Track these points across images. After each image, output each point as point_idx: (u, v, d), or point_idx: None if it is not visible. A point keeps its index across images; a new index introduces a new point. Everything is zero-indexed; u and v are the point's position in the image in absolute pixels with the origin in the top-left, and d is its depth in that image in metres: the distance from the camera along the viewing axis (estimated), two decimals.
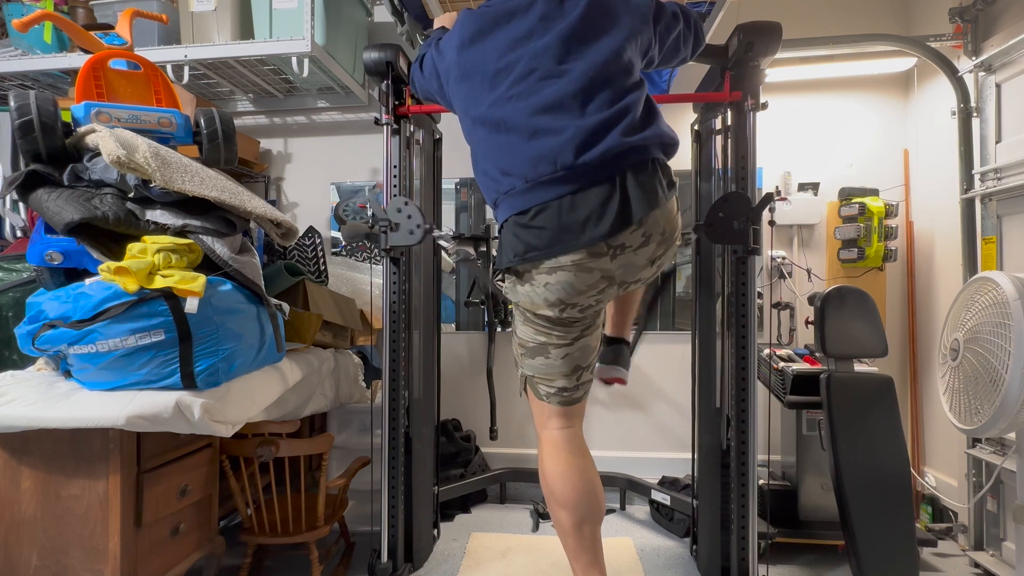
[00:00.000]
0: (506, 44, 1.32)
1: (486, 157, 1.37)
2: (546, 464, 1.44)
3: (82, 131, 1.56)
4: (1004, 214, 2.21)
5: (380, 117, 2.01)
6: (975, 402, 1.77)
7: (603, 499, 1.44)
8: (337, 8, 2.58)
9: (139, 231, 1.54)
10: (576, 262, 1.28)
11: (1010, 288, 1.67)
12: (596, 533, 1.42)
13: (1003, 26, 2.21)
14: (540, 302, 1.35)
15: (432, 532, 2.31)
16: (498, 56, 1.32)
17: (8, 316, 1.71)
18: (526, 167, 1.27)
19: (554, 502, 1.42)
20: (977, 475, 2.20)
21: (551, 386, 1.44)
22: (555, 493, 1.41)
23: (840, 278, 2.70)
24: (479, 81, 1.34)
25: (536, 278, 1.33)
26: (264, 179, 3.09)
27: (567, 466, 1.41)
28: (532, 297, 1.36)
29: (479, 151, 1.40)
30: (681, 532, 2.40)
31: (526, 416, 2.96)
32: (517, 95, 1.29)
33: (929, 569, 2.15)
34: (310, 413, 2.07)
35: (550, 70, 1.28)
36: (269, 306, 1.71)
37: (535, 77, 1.28)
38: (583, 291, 1.32)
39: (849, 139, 2.79)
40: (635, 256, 1.31)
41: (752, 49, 1.79)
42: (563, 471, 1.41)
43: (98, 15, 2.54)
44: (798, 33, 2.40)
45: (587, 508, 1.39)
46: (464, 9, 1.50)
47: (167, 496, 1.52)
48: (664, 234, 1.33)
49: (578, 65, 1.27)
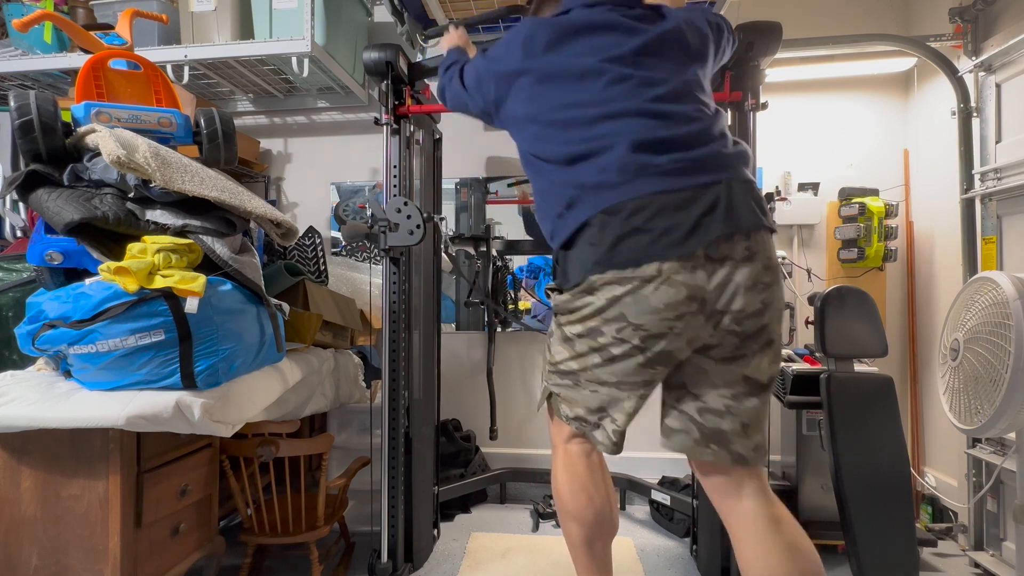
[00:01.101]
0: (591, 49, 1.26)
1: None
2: (560, 477, 1.36)
3: (82, 131, 1.56)
4: (1004, 214, 2.20)
5: (380, 117, 2.01)
6: (975, 402, 1.77)
7: (618, 514, 1.38)
8: (337, 8, 2.58)
9: (139, 231, 1.54)
10: (663, 271, 1.08)
11: (1010, 288, 1.67)
12: (607, 548, 1.37)
13: (1003, 26, 2.21)
14: (595, 320, 1.16)
15: (432, 532, 2.31)
16: (587, 61, 1.25)
17: (8, 316, 1.71)
18: (627, 155, 1.13)
19: (567, 516, 1.35)
20: (977, 475, 2.20)
21: (572, 411, 1.30)
22: (569, 508, 1.34)
23: (840, 278, 2.70)
24: (568, 81, 1.26)
25: (601, 290, 1.14)
26: (264, 179, 3.09)
27: (586, 480, 1.32)
28: (587, 313, 1.17)
29: (553, 153, 1.25)
30: (681, 532, 2.40)
31: (526, 416, 2.96)
32: (619, 95, 1.20)
33: (929, 569, 2.15)
34: (310, 413, 2.07)
35: (646, 77, 1.21)
36: (269, 306, 1.71)
37: (633, 82, 1.21)
38: (659, 310, 1.09)
39: (849, 139, 2.79)
40: (736, 274, 1.10)
41: (752, 49, 1.80)
42: (581, 486, 1.32)
43: (98, 15, 2.54)
44: (798, 33, 2.40)
45: (602, 525, 1.33)
46: (529, 17, 1.49)
47: (167, 496, 1.52)
48: (770, 264, 1.14)
49: (672, 78, 1.22)
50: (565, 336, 1.25)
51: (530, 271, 2.98)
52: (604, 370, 1.19)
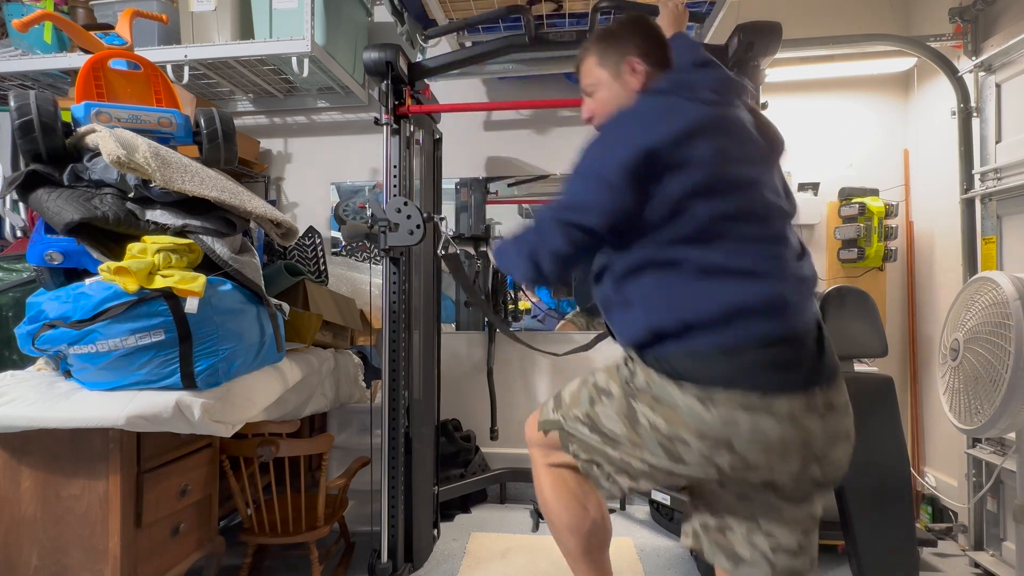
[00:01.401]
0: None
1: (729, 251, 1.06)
2: (548, 493, 1.30)
3: (82, 131, 1.56)
4: (1004, 214, 2.20)
5: (380, 117, 2.01)
6: (975, 402, 1.77)
7: (609, 517, 1.35)
8: (337, 8, 2.58)
9: (139, 231, 1.54)
10: (791, 408, 0.99)
11: (1010, 288, 1.67)
12: (606, 555, 1.35)
13: (1003, 26, 2.21)
14: (688, 431, 1.03)
15: (432, 532, 2.30)
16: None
17: (8, 316, 1.71)
18: (790, 281, 1.05)
19: (563, 529, 1.29)
20: (977, 475, 2.20)
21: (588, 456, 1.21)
22: (564, 520, 1.28)
23: (840, 278, 2.70)
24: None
25: (718, 407, 1.00)
26: (264, 179, 3.09)
27: (577, 491, 1.27)
28: (683, 420, 1.03)
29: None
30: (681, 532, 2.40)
31: (526, 416, 2.95)
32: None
33: (929, 569, 2.15)
34: (310, 413, 2.07)
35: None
36: (269, 306, 1.71)
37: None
38: (769, 448, 1.00)
39: (849, 139, 2.79)
40: (838, 423, 1.05)
41: (752, 49, 1.80)
42: (573, 497, 1.27)
43: (98, 15, 2.54)
44: (798, 33, 2.40)
45: (598, 532, 1.30)
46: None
47: (167, 496, 1.52)
48: (849, 412, 1.09)
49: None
50: (634, 417, 1.10)
51: None
52: (658, 461, 1.09)
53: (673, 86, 1.16)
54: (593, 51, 1.27)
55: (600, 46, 1.26)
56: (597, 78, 1.26)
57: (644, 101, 1.16)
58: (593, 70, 1.27)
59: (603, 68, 1.25)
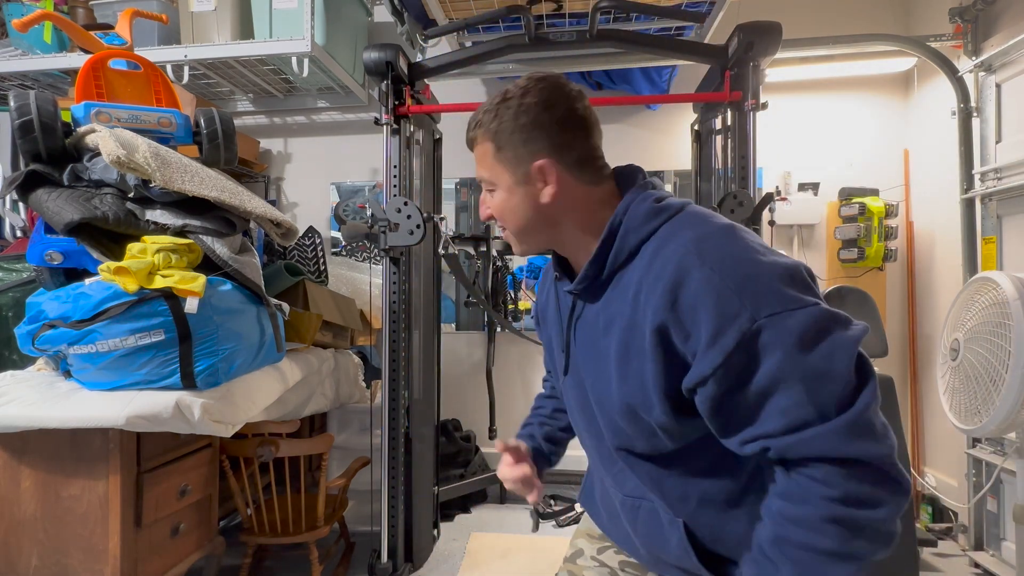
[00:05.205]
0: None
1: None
2: None
3: (82, 131, 1.56)
4: (1004, 214, 2.20)
5: (380, 117, 2.01)
6: (975, 402, 1.77)
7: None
8: (337, 8, 2.58)
9: (139, 231, 1.54)
10: None
11: (1010, 288, 1.67)
12: None
13: (1003, 26, 2.21)
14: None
15: (432, 532, 2.30)
16: None
17: (8, 316, 1.71)
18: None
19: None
20: (977, 475, 2.20)
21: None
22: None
23: (840, 278, 2.70)
24: None
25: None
26: (264, 179, 3.09)
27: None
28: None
29: None
30: None
31: (525, 416, 2.95)
32: None
33: (929, 569, 2.15)
34: (310, 413, 2.07)
35: None
36: (269, 306, 1.71)
37: None
38: None
39: (849, 139, 2.79)
40: None
41: (752, 49, 1.79)
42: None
43: (98, 15, 2.54)
44: (798, 33, 2.40)
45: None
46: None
47: (167, 496, 1.52)
48: None
49: None
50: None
51: (530, 271, 2.98)
52: None
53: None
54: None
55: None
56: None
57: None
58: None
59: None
